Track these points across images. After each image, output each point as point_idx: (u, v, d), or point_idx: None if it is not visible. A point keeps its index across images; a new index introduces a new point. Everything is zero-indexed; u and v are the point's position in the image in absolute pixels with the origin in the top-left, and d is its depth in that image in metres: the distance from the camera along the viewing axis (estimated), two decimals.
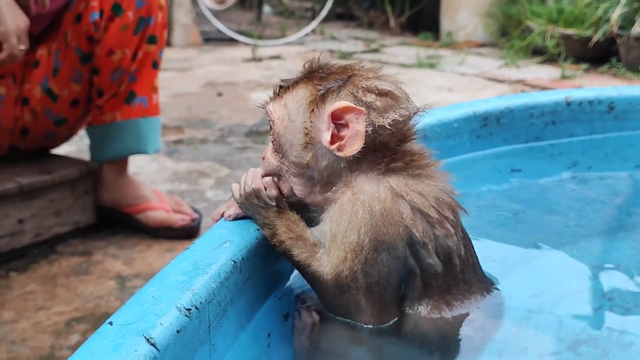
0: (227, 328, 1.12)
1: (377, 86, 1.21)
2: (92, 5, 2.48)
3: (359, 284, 1.17)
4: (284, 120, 1.23)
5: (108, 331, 0.94)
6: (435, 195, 1.21)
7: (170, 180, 3.29)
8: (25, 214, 2.56)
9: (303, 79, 1.24)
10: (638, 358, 1.19)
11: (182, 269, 1.10)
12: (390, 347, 1.20)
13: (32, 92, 2.56)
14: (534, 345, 1.24)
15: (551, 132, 1.96)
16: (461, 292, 1.24)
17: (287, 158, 1.24)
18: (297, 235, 1.21)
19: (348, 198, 1.19)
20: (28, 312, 2.21)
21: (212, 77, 5.32)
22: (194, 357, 1.02)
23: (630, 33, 5.20)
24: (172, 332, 0.96)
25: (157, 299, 1.01)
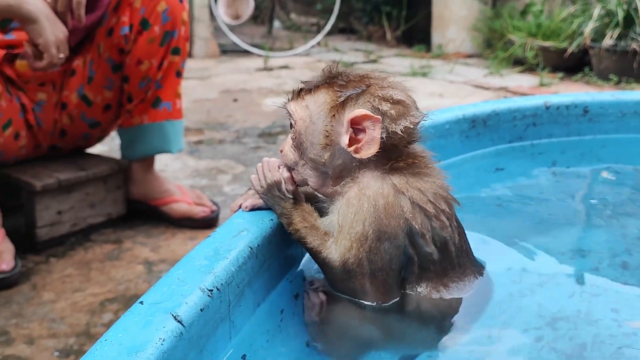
0: (244, 307, 1.11)
1: (392, 95, 1.21)
2: (123, 20, 2.49)
3: (364, 270, 1.17)
4: (305, 121, 1.22)
5: (139, 310, 0.94)
6: (432, 191, 1.21)
7: (191, 177, 3.29)
8: (64, 206, 2.56)
9: (324, 83, 1.23)
10: (603, 331, 1.20)
11: (204, 255, 1.10)
12: (393, 324, 1.20)
13: (70, 98, 2.56)
14: (517, 321, 1.24)
15: (532, 133, 1.95)
16: (457, 275, 1.24)
17: (306, 154, 1.23)
18: (311, 224, 1.21)
19: (355, 193, 1.19)
20: (66, 293, 2.21)
21: (228, 85, 5.31)
22: (215, 332, 1.02)
23: (601, 45, 5.18)
24: (196, 311, 0.96)
25: (183, 281, 1.01)
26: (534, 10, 5.99)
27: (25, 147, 2.54)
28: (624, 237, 1.57)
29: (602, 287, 1.38)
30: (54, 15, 2.22)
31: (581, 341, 1.17)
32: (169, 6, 2.49)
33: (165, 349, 0.87)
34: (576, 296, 1.34)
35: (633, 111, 1.99)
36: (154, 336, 0.88)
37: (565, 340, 1.17)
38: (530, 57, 5.69)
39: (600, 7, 5.29)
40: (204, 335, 0.98)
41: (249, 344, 1.10)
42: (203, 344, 0.98)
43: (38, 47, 2.22)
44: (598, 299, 1.33)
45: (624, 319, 1.25)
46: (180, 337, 0.91)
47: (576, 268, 1.45)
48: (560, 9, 5.81)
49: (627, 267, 1.42)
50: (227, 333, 1.05)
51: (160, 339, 0.88)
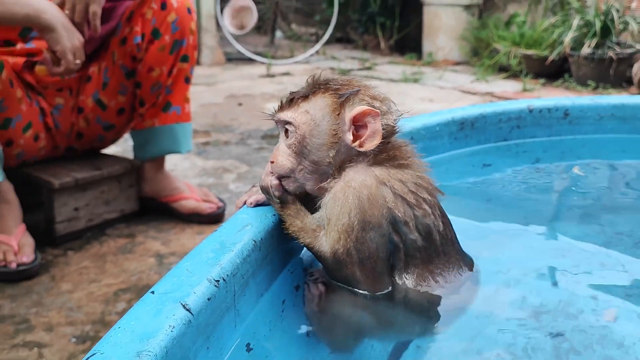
0: (249, 297, 1.11)
1: (379, 94, 1.24)
2: (135, 30, 2.48)
3: (353, 259, 1.17)
4: (309, 125, 1.20)
5: (150, 299, 0.93)
6: (413, 181, 1.21)
7: (199, 175, 3.28)
8: (80, 203, 2.55)
9: (319, 89, 1.22)
10: (584, 324, 1.19)
11: (211, 248, 1.09)
12: (385, 312, 1.19)
13: (86, 102, 2.56)
14: (501, 311, 1.23)
15: (516, 134, 1.95)
16: (442, 262, 1.23)
17: (309, 157, 1.22)
18: (299, 227, 1.21)
19: (340, 187, 1.19)
20: (82, 284, 2.20)
21: (233, 91, 5.30)
22: (222, 321, 1.01)
23: (580, 53, 5.18)
24: (204, 300, 0.96)
25: (191, 272, 1.00)
26: (518, 21, 5.98)
27: (44, 148, 2.53)
28: (601, 234, 1.56)
29: (583, 280, 1.36)
30: (70, 24, 2.21)
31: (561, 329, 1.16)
32: (178, 17, 2.49)
33: (174, 335, 0.86)
34: (558, 288, 1.33)
35: (610, 114, 1.98)
36: (164, 323, 0.87)
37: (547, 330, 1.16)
38: (514, 65, 5.68)
39: (579, 18, 5.29)
40: (211, 323, 0.97)
41: (252, 332, 1.09)
42: (210, 331, 0.97)
43: (56, 53, 2.21)
44: (579, 291, 1.32)
45: (602, 308, 1.24)
46: (189, 324, 0.90)
47: (558, 263, 1.43)
48: (542, 19, 5.80)
49: (604, 265, 1.41)
50: (232, 321, 1.05)
51: (170, 326, 0.87)
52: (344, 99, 1.20)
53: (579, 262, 1.42)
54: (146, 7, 2.48)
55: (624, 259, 1.41)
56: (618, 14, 5.15)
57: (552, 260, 1.44)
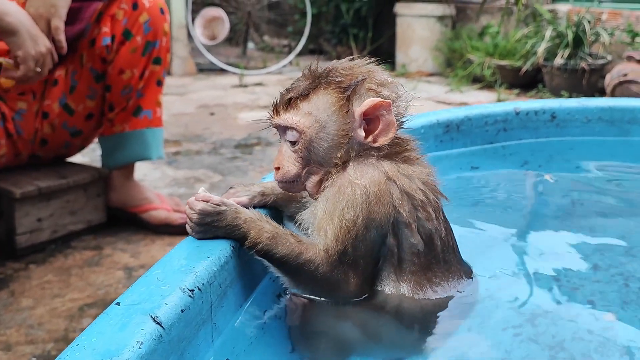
0: (227, 308, 1.00)
1: (386, 79, 1.12)
2: (104, 31, 2.37)
3: (348, 257, 1.06)
4: (315, 128, 1.09)
5: (115, 311, 0.81)
6: (422, 179, 1.12)
7: (170, 185, 3.16)
8: (44, 214, 2.42)
9: (319, 85, 1.10)
10: (582, 327, 1.13)
11: (184, 254, 0.98)
12: (372, 322, 1.09)
13: (52, 107, 2.42)
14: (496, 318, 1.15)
15: (503, 137, 1.88)
16: (441, 270, 1.14)
17: (316, 160, 1.11)
18: (272, 233, 1.04)
19: (347, 180, 1.08)
20: (45, 299, 2.07)
21: (205, 101, 5.18)
22: (197, 335, 0.89)
23: (553, 64, 5.18)
24: (176, 312, 0.84)
25: (162, 281, 0.89)
26: (491, 32, 5.98)
27: (5, 155, 2.39)
28: (592, 237, 1.51)
29: (578, 283, 1.30)
30: (37, 30, 2.09)
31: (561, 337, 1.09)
32: (150, 17, 2.38)
33: (143, 353, 0.75)
34: (554, 291, 1.25)
35: (597, 117, 1.92)
36: (131, 339, 0.75)
37: (547, 337, 1.09)
38: (488, 75, 5.67)
39: (551, 29, 5.30)
40: (185, 338, 0.85)
41: (231, 347, 0.97)
42: (184, 347, 0.85)
43: (17, 59, 2.09)
44: (575, 294, 1.25)
45: (600, 311, 1.17)
46: (160, 340, 0.79)
47: (551, 267, 1.37)
48: (515, 30, 5.80)
49: (597, 268, 1.35)
50: (209, 335, 0.93)
51: (138, 342, 0.75)
52: (350, 93, 1.08)
53: (571, 266, 1.35)
54: (116, 8, 2.36)
55: (616, 261, 1.36)
56: (589, 25, 5.17)
57: (543, 263, 1.38)
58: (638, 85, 4.78)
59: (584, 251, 1.42)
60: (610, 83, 4.85)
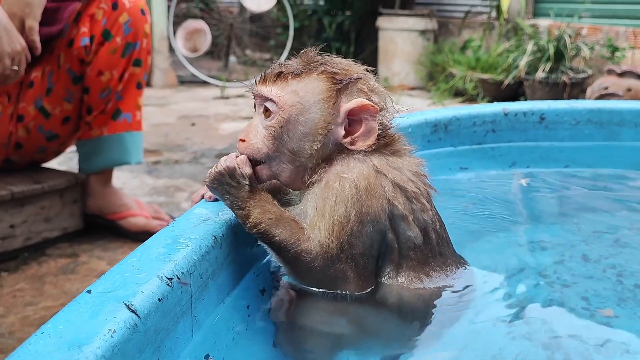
0: (208, 300, 0.93)
1: (378, 87, 1.09)
2: (83, 31, 2.30)
3: (345, 255, 1.01)
4: (296, 109, 1.03)
5: (86, 299, 0.74)
6: (412, 170, 1.08)
7: (149, 194, 3.08)
8: (17, 220, 2.32)
9: (313, 69, 1.05)
10: (577, 323, 1.09)
11: (162, 243, 0.91)
12: (370, 318, 1.04)
13: (27, 110, 2.34)
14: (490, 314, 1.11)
15: (491, 138, 1.84)
16: (438, 264, 1.09)
17: (287, 145, 1.04)
18: (276, 215, 1.00)
19: (335, 175, 1.03)
20: (17, 307, 1.98)
21: (186, 112, 5.11)
22: (176, 327, 0.82)
23: (535, 77, 5.19)
24: (153, 300, 0.77)
25: (138, 269, 0.82)
26: (473, 46, 6.00)
27: None
28: (579, 232, 1.49)
29: (569, 278, 1.26)
30: (12, 27, 2.02)
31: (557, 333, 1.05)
32: (131, 18, 2.31)
33: (115, 341, 0.68)
34: (545, 286, 1.22)
35: (586, 119, 1.89)
36: (102, 327, 0.68)
37: (541, 334, 1.04)
38: (470, 89, 5.67)
39: (533, 43, 5.32)
40: (162, 330, 0.79)
41: (212, 342, 0.91)
42: (161, 339, 0.78)
43: None
44: (567, 289, 1.22)
45: (595, 307, 1.13)
46: (135, 329, 0.72)
47: (541, 260, 1.34)
48: (496, 44, 5.83)
49: (588, 260, 1.32)
50: (188, 329, 0.86)
51: (110, 330, 0.68)
52: (342, 87, 1.04)
53: (561, 262, 1.32)
54: (95, 7, 2.30)
55: (605, 253, 1.34)
56: (570, 40, 5.20)
57: (533, 260, 1.35)
58: (618, 99, 4.81)
59: (571, 245, 1.40)
60: (591, 96, 4.88)
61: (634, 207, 1.65)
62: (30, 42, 2.09)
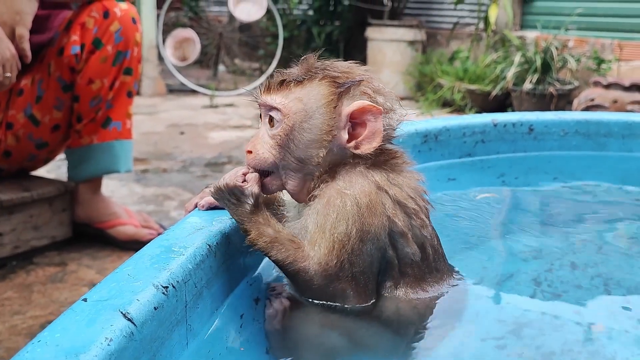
0: (202, 309, 0.93)
1: (383, 88, 1.07)
2: (74, 39, 2.30)
3: (345, 273, 1.01)
4: (300, 116, 1.03)
5: (82, 307, 0.75)
6: (412, 187, 1.07)
7: (138, 203, 3.07)
8: (5, 228, 2.31)
9: (314, 76, 1.05)
10: (570, 337, 1.08)
11: (157, 251, 0.91)
12: (361, 331, 1.03)
13: (16, 118, 2.34)
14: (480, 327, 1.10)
15: (481, 149, 1.86)
16: (434, 279, 1.09)
17: (294, 153, 1.04)
18: (271, 238, 1.01)
19: (336, 191, 1.02)
20: (4, 316, 1.96)
21: (175, 120, 5.10)
22: (171, 336, 0.83)
23: (522, 88, 5.24)
24: (149, 309, 0.78)
25: (134, 277, 0.82)
26: (461, 57, 6.05)
27: None
28: (566, 241, 1.50)
29: (560, 288, 1.27)
30: (2, 34, 2.01)
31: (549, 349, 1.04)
32: (122, 26, 2.32)
33: (112, 350, 0.68)
34: (537, 297, 1.22)
35: (574, 130, 1.92)
36: (99, 335, 0.69)
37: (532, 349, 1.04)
38: (458, 99, 5.72)
39: (520, 54, 5.38)
40: (158, 338, 0.79)
41: (206, 351, 0.91)
42: (157, 347, 0.78)
43: None
44: (558, 299, 1.22)
45: (587, 322, 1.13)
46: (131, 337, 0.72)
47: (531, 269, 1.34)
48: (484, 55, 5.88)
49: (576, 267, 1.33)
50: (183, 337, 0.86)
51: (107, 338, 0.69)
52: (343, 90, 1.03)
53: (552, 272, 1.32)
54: (86, 16, 2.30)
55: (591, 260, 1.36)
56: (557, 52, 5.26)
57: (524, 270, 1.34)
58: (604, 110, 4.86)
59: (561, 254, 1.40)
60: (578, 108, 4.93)
61: (619, 217, 1.67)
62: (20, 50, 2.08)
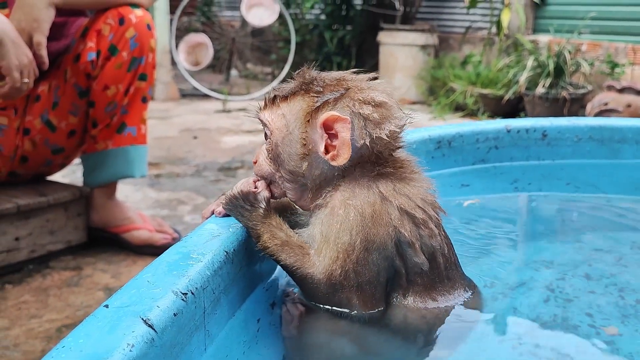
0: (220, 315, 0.95)
1: (373, 97, 1.06)
2: (90, 46, 2.33)
3: (350, 283, 1.02)
4: (282, 131, 1.06)
5: (104, 313, 0.76)
6: (420, 197, 1.07)
7: (152, 207, 3.09)
8: (22, 232, 2.34)
9: (300, 90, 1.07)
10: (584, 340, 1.09)
11: (176, 258, 0.93)
12: (372, 337, 1.04)
13: (33, 124, 2.37)
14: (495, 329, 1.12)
15: (494, 155, 1.86)
16: (445, 288, 1.10)
17: (283, 166, 1.08)
18: (282, 241, 1.04)
19: (339, 202, 1.04)
20: (21, 320, 1.98)
21: (188, 125, 5.14)
22: (190, 341, 0.84)
23: (535, 93, 5.23)
24: (169, 315, 0.79)
25: (153, 284, 0.84)
26: (473, 61, 6.04)
27: None
28: (581, 250, 1.50)
29: (572, 294, 1.27)
30: (20, 40, 2.05)
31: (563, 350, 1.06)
32: (137, 33, 2.34)
33: (134, 355, 0.70)
34: (549, 305, 1.22)
35: (588, 136, 1.92)
36: (121, 341, 0.70)
37: (547, 350, 1.05)
38: (470, 104, 5.71)
39: (533, 58, 5.37)
40: (178, 344, 0.80)
41: (224, 355, 0.92)
42: (176, 353, 0.80)
43: (0, 70, 2.04)
44: (571, 306, 1.23)
45: (600, 325, 1.14)
46: (152, 343, 0.74)
47: (543, 278, 1.34)
48: (497, 59, 5.87)
49: (590, 278, 1.33)
50: (202, 342, 0.88)
51: (129, 344, 0.70)
52: (321, 104, 1.04)
53: (564, 278, 1.33)
54: (102, 23, 2.33)
55: (607, 271, 1.35)
56: (570, 56, 5.25)
57: (537, 276, 1.35)
58: (618, 114, 4.84)
59: (573, 262, 1.40)
60: (591, 112, 4.91)
61: (634, 226, 1.67)
62: (38, 56, 2.12)
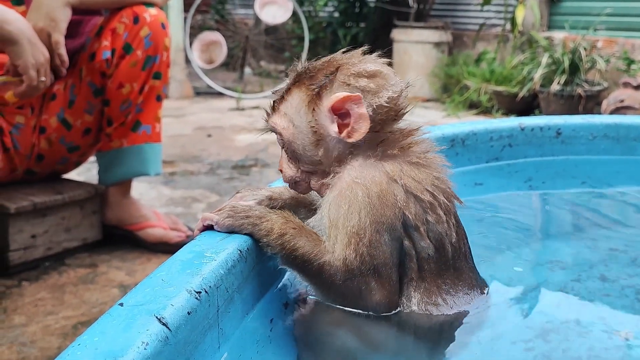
0: (234, 313, 0.95)
1: (366, 69, 1.06)
2: (104, 44, 2.34)
3: (367, 266, 1.01)
4: (289, 128, 1.08)
5: (119, 312, 0.77)
6: (430, 182, 1.07)
7: (166, 205, 3.11)
8: (38, 230, 2.36)
9: (293, 84, 1.08)
10: (596, 343, 1.08)
11: (190, 257, 0.93)
12: (383, 335, 1.04)
13: (49, 122, 2.39)
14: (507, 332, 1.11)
15: (508, 153, 1.85)
16: (451, 278, 1.09)
17: (303, 160, 1.09)
18: (299, 225, 1.04)
19: (346, 183, 1.04)
20: (38, 316, 2.01)
21: (202, 123, 5.16)
22: (204, 340, 0.85)
23: (550, 90, 5.20)
24: (183, 314, 0.80)
25: (167, 283, 0.84)
26: (488, 58, 6.01)
27: (1, 170, 2.34)
28: (596, 250, 1.48)
29: (587, 297, 1.26)
30: (37, 38, 2.07)
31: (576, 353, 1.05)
32: (151, 31, 2.36)
33: (148, 354, 0.70)
34: (563, 306, 1.21)
35: (603, 134, 1.90)
36: (136, 339, 0.71)
37: (559, 352, 1.05)
38: (484, 101, 5.68)
39: (547, 55, 5.33)
40: (192, 342, 0.81)
41: (237, 354, 0.93)
42: (190, 351, 0.81)
43: (17, 68, 2.06)
44: (585, 308, 1.22)
45: (613, 329, 1.13)
46: (166, 341, 0.74)
47: (558, 279, 1.33)
48: (511, 57, 5.84)
49: (605, 280, 1.31)
50: (215, 341, 0.89)
51: (144, 342, 0.71)
52: (319, 89, 1.05)
53: (578, 280, 1.31)
54: (117, 21, 2.34)
55: (624, 272, 1.33)
56: (585, 53, 5.21)
57: (551, 276, 1.34)
58: (634, 111, 4.80)
59: (588, 263, 1.39)
60: (607, 109, 4.87)
61: None
62: (57, 56, 2.13)
